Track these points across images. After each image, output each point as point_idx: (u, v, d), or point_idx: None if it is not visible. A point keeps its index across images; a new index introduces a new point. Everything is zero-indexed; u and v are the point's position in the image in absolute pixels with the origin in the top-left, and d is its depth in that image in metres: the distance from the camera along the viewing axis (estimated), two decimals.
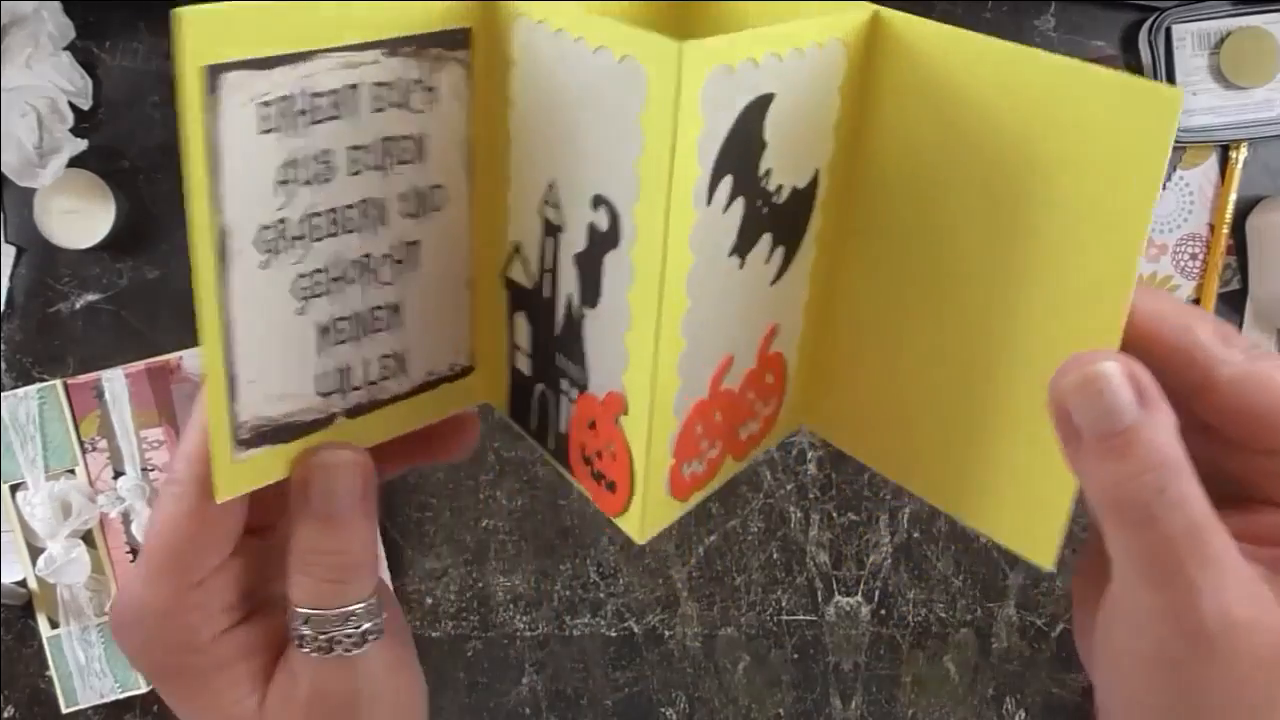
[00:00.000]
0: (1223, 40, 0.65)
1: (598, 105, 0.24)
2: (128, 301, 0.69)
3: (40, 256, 0.68)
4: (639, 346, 0.25)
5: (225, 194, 0.23)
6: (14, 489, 0.67)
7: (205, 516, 0.26)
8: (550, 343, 0.29)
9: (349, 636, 0.27)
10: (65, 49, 0.67)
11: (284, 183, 0.24)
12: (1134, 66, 0.67)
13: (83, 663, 0.67)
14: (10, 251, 0.68)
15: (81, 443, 0.67)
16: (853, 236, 0.29)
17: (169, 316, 0.69)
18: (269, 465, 0.26)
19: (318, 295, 0.26)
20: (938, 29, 0.25)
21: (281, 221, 0.25)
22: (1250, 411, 0.24)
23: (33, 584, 0.67)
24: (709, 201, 0.24)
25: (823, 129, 0.27)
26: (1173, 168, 0.68)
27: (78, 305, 0.69)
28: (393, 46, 0.25)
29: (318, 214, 0.25)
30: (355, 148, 0.25)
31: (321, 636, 0.27)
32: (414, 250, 0.28)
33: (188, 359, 0.68)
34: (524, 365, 0.30)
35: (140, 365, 0.67)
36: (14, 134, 0.65)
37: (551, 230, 0.27)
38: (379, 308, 0.28)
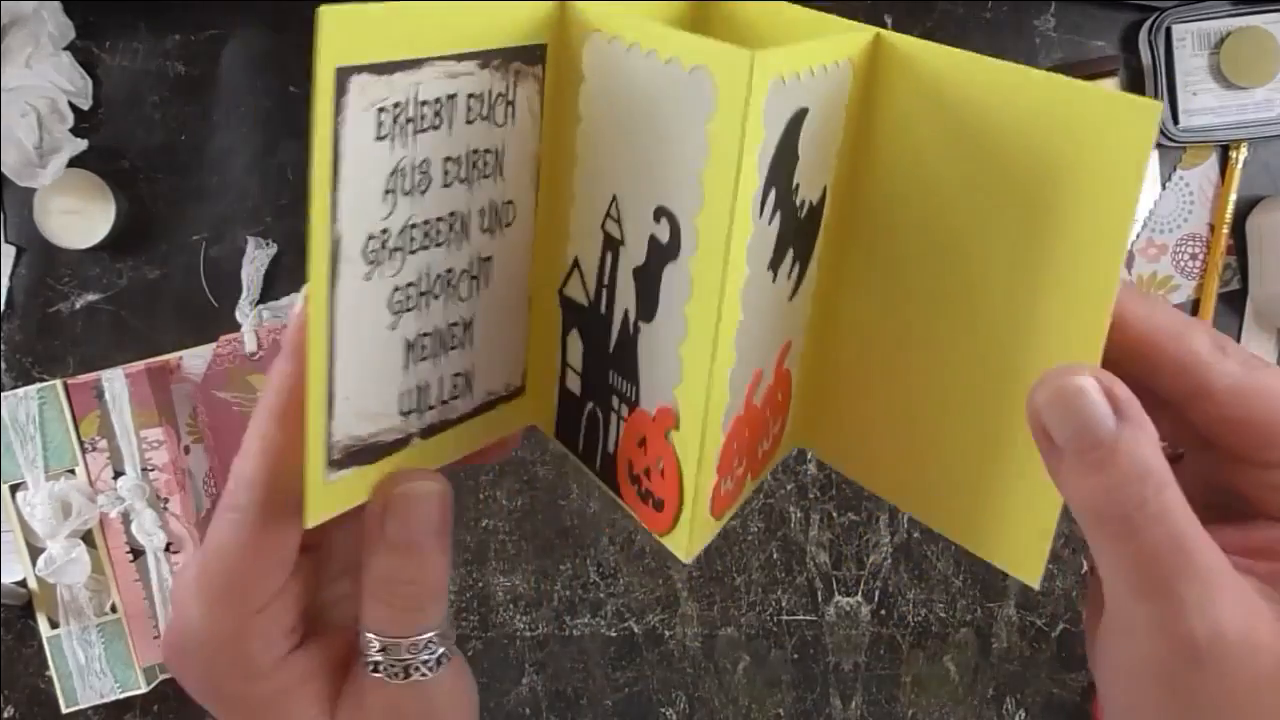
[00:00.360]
0: (1223, 40, 0.65)
1: (665, 117, 0.24)
2: (128, 301, 0.69)
3: (40, 256, 0.68)
4: (693, 359, 0.25)
5: (341, 200, 0.23)
6: (14, 489, 0.67)
7: (266, 542, 0.25)
8: (604, 360, 0.29)
9: (425, 662, 0.27)
10: (65, 49, 0.67)
11: (389, 192, 0.24)
12: (1134, 66, 0.67)
13: (83, 663, 0.67)
14: (10, 251, 0.68)
15: (81, 443, 0.67)
16: (850, 257, 0.29)
17: (169, 316, 0.69)
18: (354, 488, 0.26)
19: (408, 310, 0.26)
20: (937, 50, 0.25)
21: (385, 232, 0.24)
22: (1246, 422, 0.24)
23: (33, 584, 0.67)
24: (761, 213, 0.24)
25: (832, 147, 0.27)
26: (1172, 168, 0.68)
27: (78, 305, 0.69)
28: (485, 58, 0.25)
29: (414, 225, 0.25)
30: (448, 159, 0.25)
31: (397, 662, 0.26)
32: (487, 266, 0.28)
33: (188, 359, 0.68)
34: (574, 385, 0.30)
35: (140, 365, 0.67)
36: (14, 134, 0.65)
37: (612, 244, 0.27)
38: (455, 324, 0.28)
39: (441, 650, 0.27)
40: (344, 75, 0.22)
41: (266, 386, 0.25)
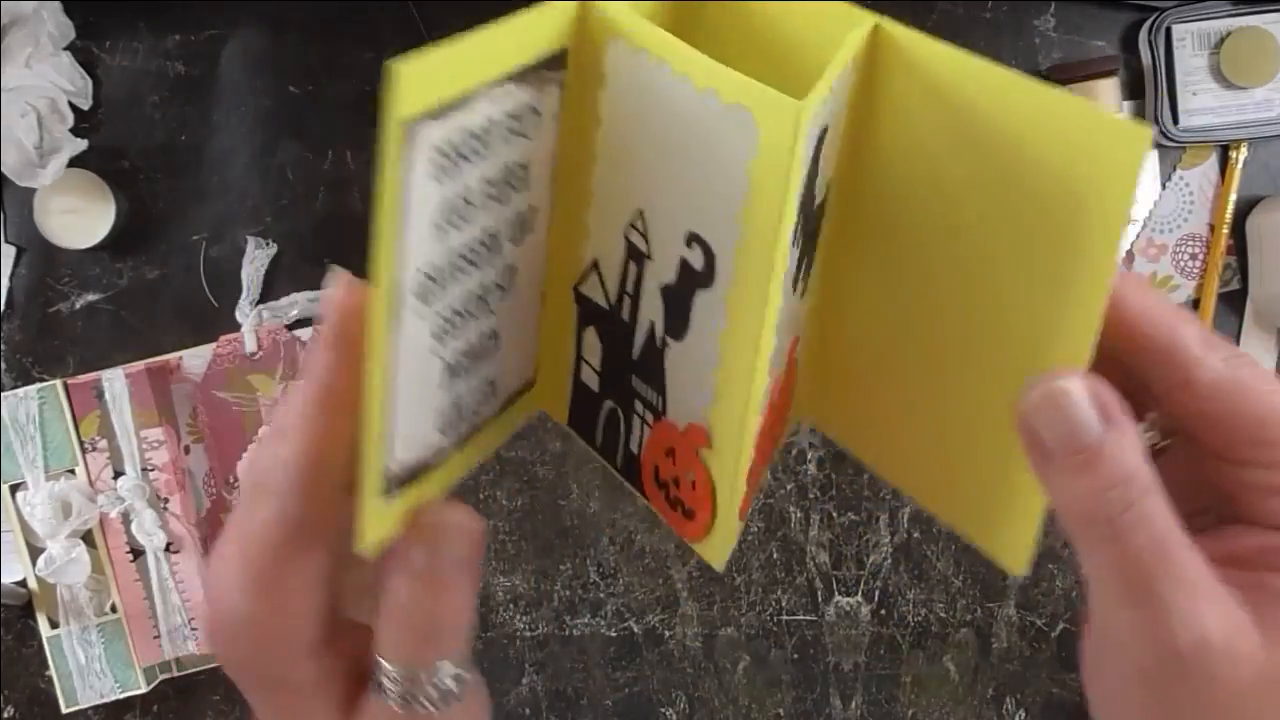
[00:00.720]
0: (1223, 40, 0.65)
1: (698, 146, 0.24)
2: (128, 301, 0.69)
3: (40, 256, 0.68)
4: (730, 387, 0.25)
5: (403, 245, 0.23)
6: (14, 489, 0.67)
7: (306, 526, 0.25)
8: (626, 364, 0.29)
9: (429, 695, 0.26)
10: (65, 49, 0.67)
11: (439, 228, 0.24)
12: (1134, 66, 0.67)
13: (83, 663, 0.67)
14: (10, 251, 0.68)
15: (81, 443, 0.67)
16: (850, 241, 0.29)
17: (169, 316, 0.69)
18: (398, 511, 0.26)
19: (451, 335, 0.26)
20: (934, 46, 0.25)
21: (435, 266, 0.24)
22: (1223, 418, 0.24)
23: (33, 584, 0.67)
24: (794, 243, 0.25)
25: (836, 144, 0.27)
26: (1172, 168, 0.68)
27: (78, 305, 0.69)
28: (520, 75, 0.25)
29: (459, 254, 0.25)
30: (487, 180, 0.25)
31: (405, 690, 0.26)
32: (512, 274, 0.28)
33: (188, 359, 0.68)
34: (591, 380, 0.30)
35: (140, 365, 0.67)
36: (14, 134, 0.65)
37: (636, 256, 0.27)
38: (485, 335, 0.27)
39: (451, 686, 0.26)
40: (410, 127, 0.21)
41: (306, 374, 0.25)
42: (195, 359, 0.68)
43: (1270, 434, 0.23)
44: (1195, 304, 0.69)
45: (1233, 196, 0.67)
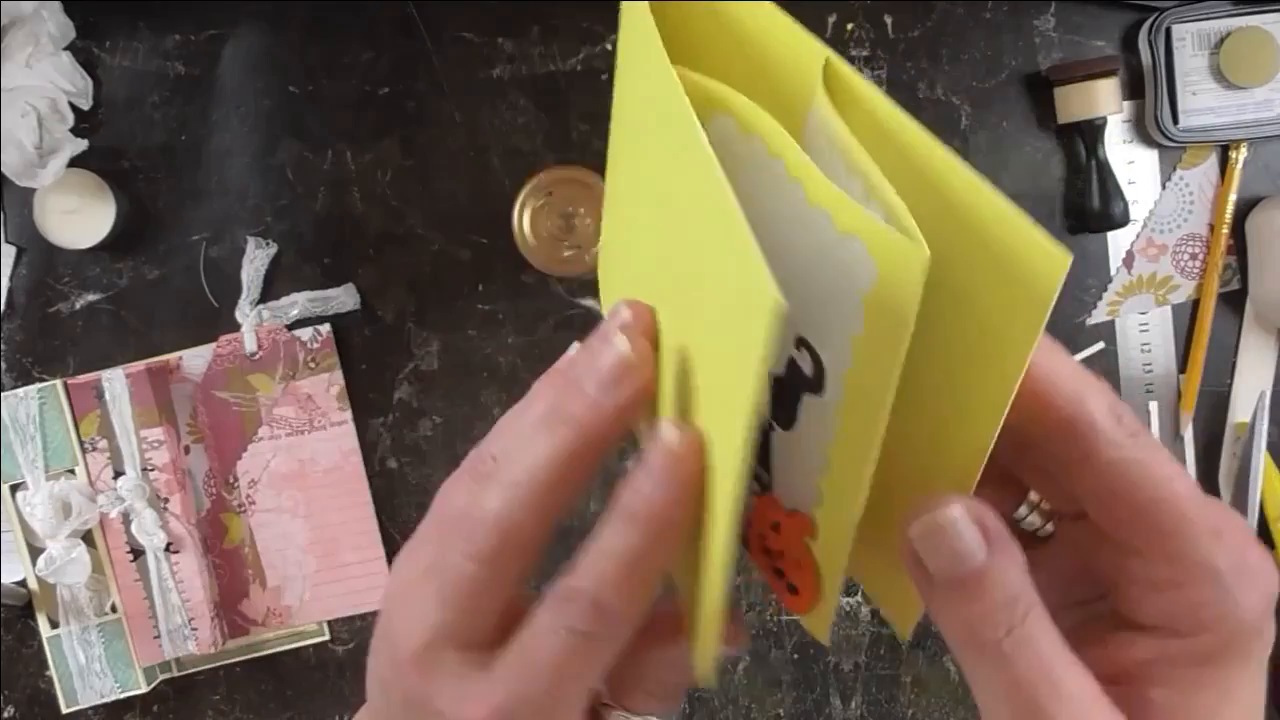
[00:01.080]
0: (1223, 40, 0.65)
1: (810, 257, 0.22)
2: (128, 301, 0.69)
3: (40, 256, 0.68)
4: (839, 494, 0.25)
5: None
6: (14, 489, 0.67)
7: (604, 662, 0.26)
8: None
9: None
10: (65, 49, 0.67)
11: None
12: (1134, 66, 0.67)
13: (83, 663, 0.67)
14: (10, 251, 0.68)
15: (81, 443, 0.67)
16: None
17: (169, 316, 0.69)
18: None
19: None
20: (878, 97, 0.22)
21: None
22: (1120, 499, 0.23)
23: (33, 584, 0.67)
24: None
25: None
26: (1172, 168, 0.68)
27: (78, 305, 0.69)
28: None
29: None
30: None
31: None
32: None
33: (188, 359, 0.68)
34: None
35: (140, 365, 0.67)
36: (14, 134, 0.65)
37: None
38: None
39: None
40: None
41: (639, 510, 0.25)
42: (195, 359, 0.68)
43: (1162, 521, 0.22)
44: (1195, 304, 0.69)
45: (1233, 196, 0.67)
